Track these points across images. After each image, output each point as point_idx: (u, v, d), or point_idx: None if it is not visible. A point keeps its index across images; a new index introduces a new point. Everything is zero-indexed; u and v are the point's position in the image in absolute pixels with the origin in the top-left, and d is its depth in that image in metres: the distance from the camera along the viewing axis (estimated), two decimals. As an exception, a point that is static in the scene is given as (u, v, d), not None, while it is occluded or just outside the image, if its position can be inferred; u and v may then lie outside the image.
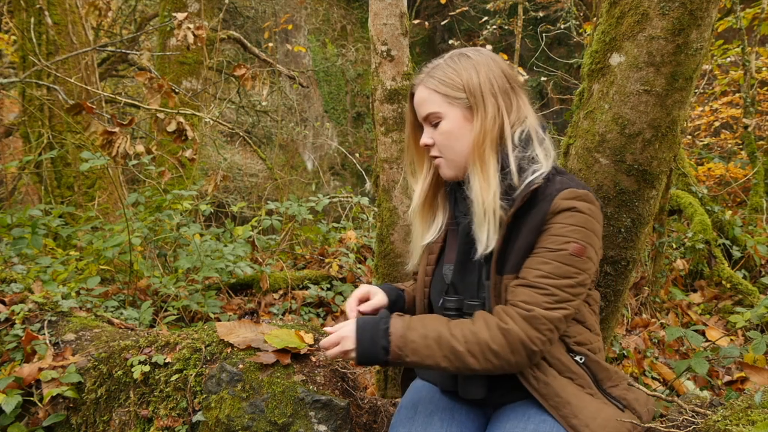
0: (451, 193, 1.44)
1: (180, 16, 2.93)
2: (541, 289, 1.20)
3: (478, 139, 1.30)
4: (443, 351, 1.20)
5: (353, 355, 1.24)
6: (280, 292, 3.49)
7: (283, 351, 1.51)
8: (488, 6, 6.39)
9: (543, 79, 7.17)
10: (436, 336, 1.21)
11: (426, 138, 1.38)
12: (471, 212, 1.31)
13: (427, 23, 9.33)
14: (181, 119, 2.73)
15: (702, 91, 7.02)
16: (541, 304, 1.19)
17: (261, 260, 3.77)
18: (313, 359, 1.59)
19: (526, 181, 1.25)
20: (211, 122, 4.81)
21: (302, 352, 1.56)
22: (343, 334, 1.26)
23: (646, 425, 1.31)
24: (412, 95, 1.41)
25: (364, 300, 1.47)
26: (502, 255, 1.28)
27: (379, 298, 1.46)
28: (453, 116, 1.33)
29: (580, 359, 1.30)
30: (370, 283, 3.66)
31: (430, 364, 1.21)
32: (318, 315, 3.37)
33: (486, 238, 1.27)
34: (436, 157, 1.38)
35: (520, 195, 1.24)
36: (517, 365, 1.21)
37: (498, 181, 1.28)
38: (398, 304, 1.51)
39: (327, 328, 1.33)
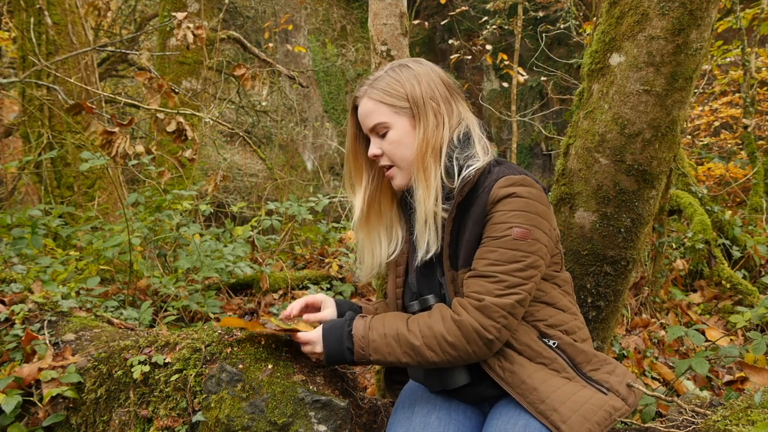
0: (405, 205, 1.46)
1: (180, 16, 2.92)
2: (489, 277, 1.22)
3: (421, 147, 1.33)
4: (402, 347, 1.24)
5: (322, 357, 1.32)
6: (280, 292, 3.49)
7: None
8: (488, 6, 6.39)
9: (543, 79, 7.17)
10: (395, 333, 1.26)
11: (374, 149, 1.39)
12: (413, 219, 1.35)
13: (427, 23, 9.33)
14: (181, 119, 2.73)
15: (702, 91, 7.02)
16: (491, 292, 1.21)
17: (261, 260, 3.77)
18: (313, 359, 1.59)
19: (461, 176, 1.30)
20: (211, 122, 4.81)
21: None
22: (311, 338, 1.34)
23: (632, 408, 1.31)
24: (355, 108, 1.42)
25: (313, 308, 1.50)
26: (453, 251, 1.31)
27: (328, 312, 1.48)
28: (400, 125, 1.36)
29: (554, 343, 1.30)
30: (369, 283, 3.66)
31: (393, 361, 1.25)
32: (318, 315, 3.36)
33: (426, 243, 1.31)
34: (388, 167, 1.39)
35: (457, 190, 1.29)
36: (476, 355, 1.23)
37: (440, 186, 1.32)
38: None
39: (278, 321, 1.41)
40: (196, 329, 1.77)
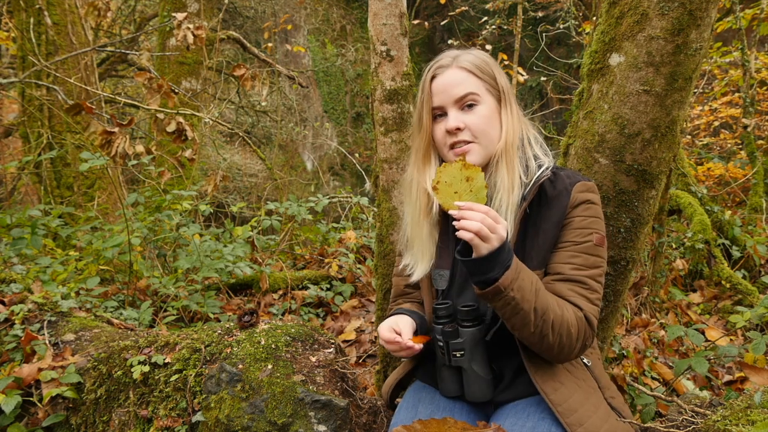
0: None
1: (179, 16, 2.93)
2: (580, 282, 1.21)
3: (508, 133, 1.30)
4: (539, 302, 1.14)
5: (494, 243, 1.09)
6: (280, 292, 3.49)
7: None
8: (488, 6, 6.39)
9: (543, 79, 7.17)
10: (539, 288, 1.15)
11: (456, 121, 1.29)
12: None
13: (426, 23, 9.32)
14: (181, 119, 2.73)
15: (702, 91, 7.02)
16: (588, 298, 1.21)
17: (261, 260, 3.77)
18: (313, 359, 1.59)
19: (535, 176, 1.27)
20: (211, 122, 4.81)
21: None
22: (500, 223, 1.11)
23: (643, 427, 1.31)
24: (433, 78, 1.33)
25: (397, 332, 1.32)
26: (520, 252, 1.27)
27: (408, 329, 1.32)
28: (490, 103, 1.32)
29: (588, 362, 1.31)
30: (369, 283, 3.66)
31: (518, 311, 1.12)
32: (318, 315, 3.37)
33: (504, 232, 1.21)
34: (465, 143, 1.29)
35: (531, 190, 1.26)
36: (567, 356, 1.20)
37: (519, 180, 1.29)
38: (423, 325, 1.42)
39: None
40: (196, 329, 1.77)
